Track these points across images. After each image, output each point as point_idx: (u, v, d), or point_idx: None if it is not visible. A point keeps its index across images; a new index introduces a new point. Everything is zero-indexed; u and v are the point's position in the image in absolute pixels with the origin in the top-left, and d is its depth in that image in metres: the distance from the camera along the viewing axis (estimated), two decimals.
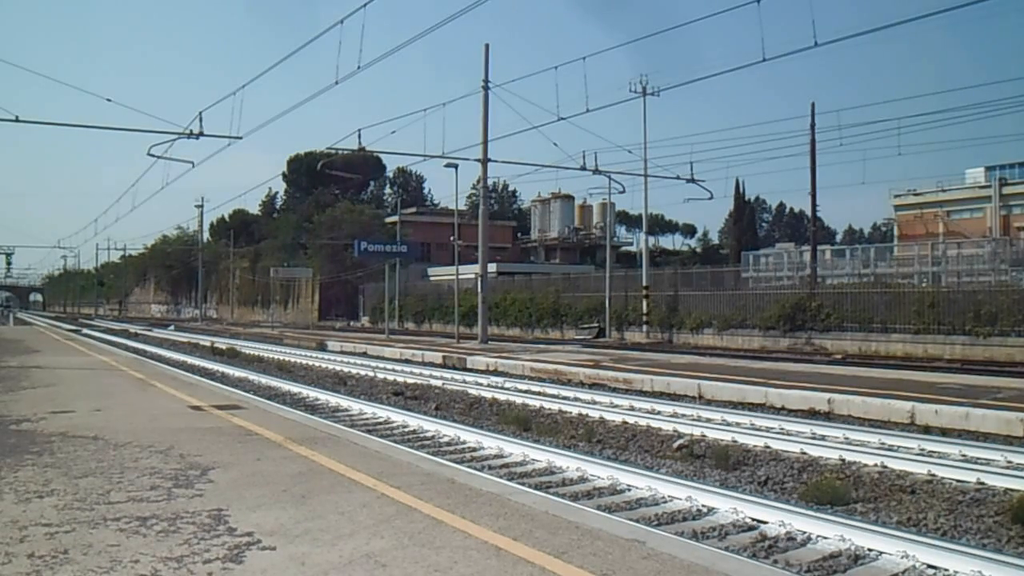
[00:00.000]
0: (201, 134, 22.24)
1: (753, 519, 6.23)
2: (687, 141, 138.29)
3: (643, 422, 11.23)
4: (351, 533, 4.62)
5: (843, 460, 8.52)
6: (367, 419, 12.12)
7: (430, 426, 11.05)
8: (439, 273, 53.95)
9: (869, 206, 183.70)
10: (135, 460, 6.71)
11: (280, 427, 8.75)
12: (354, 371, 20.33)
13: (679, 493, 6.96)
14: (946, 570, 5.07)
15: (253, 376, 18.66)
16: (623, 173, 36.72)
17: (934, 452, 8.81)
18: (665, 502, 6.90)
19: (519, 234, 76.37)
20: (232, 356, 25.88)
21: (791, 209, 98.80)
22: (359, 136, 27.30)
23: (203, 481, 5.92)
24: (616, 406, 12.86)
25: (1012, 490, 7.09)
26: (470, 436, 10.11)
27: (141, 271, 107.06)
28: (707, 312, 32.00)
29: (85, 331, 45.93)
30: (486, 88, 27.35)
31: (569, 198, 69.16)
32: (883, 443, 9.27)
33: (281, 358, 25.11)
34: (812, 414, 11.75)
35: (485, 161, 27.92)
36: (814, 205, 32.71)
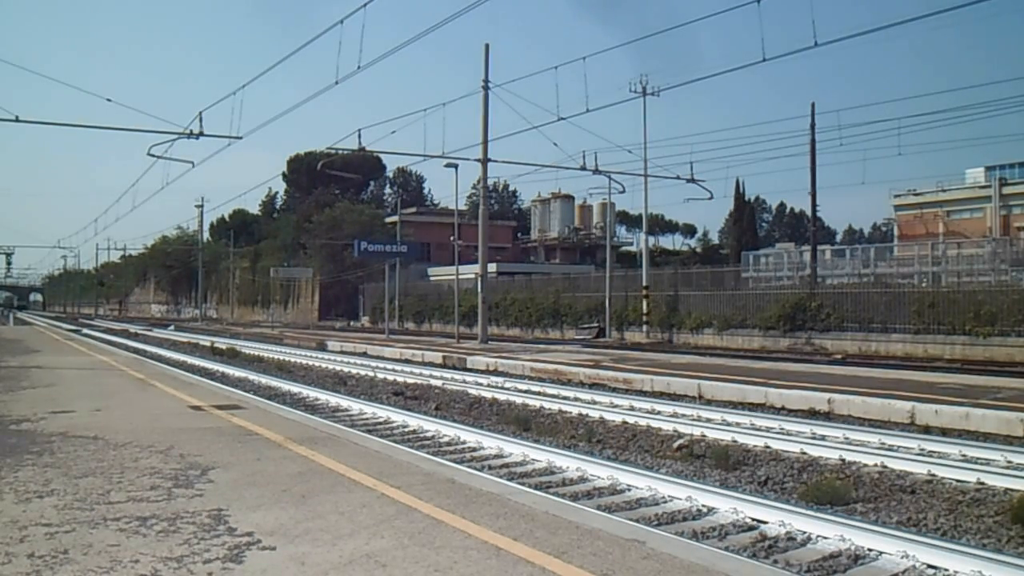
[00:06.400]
0: (201, 134, 22.25)
1: (753, 519, 6.22)
2: (687, 141, 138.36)
3: (643, 422, 11.23)
4: (351, 533, 4.62)
5: (843, 460, 8.52)
6: (367, 419, 12.12)
7: (430, 426, 11.04)
8: (439, 273, 53.94)
9: (869, 206, 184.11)
10: (135, 460, 6.71)
11: (280, 427, 8.75)
12: (354, 371, 20.32)
13: (679, 493, 6.96)
14: (946, 570, 5.06)
15: (253, 376, 18.65)
16: (623, 173, 36.83)
17: (934, 452, 8.81)
18: (665, 502, 6.89)
19: (519, 234, 76.44)
20: (232, 356, 25.87)
21: (791, 209, 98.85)
22: (359, 136, 27.34)
23: (203, 481, 5.92)
24: (616, 406, 12.86)
25: (1012, 490, 7.09)
26: (470, 436, 10.11)
27: (141, 271, 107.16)
28: (707, 312, 32.01)
29: (85, 331, 45.93)
30: (486, 88, 27.36)
31: (569, 198, 69.26)
32: (883, 443, 9.27)
33: (281, 358, 25.11)
34: (812, 414, 11.74)
35: (485, 161, 27.93)
36: (814, 205, 32.77)
